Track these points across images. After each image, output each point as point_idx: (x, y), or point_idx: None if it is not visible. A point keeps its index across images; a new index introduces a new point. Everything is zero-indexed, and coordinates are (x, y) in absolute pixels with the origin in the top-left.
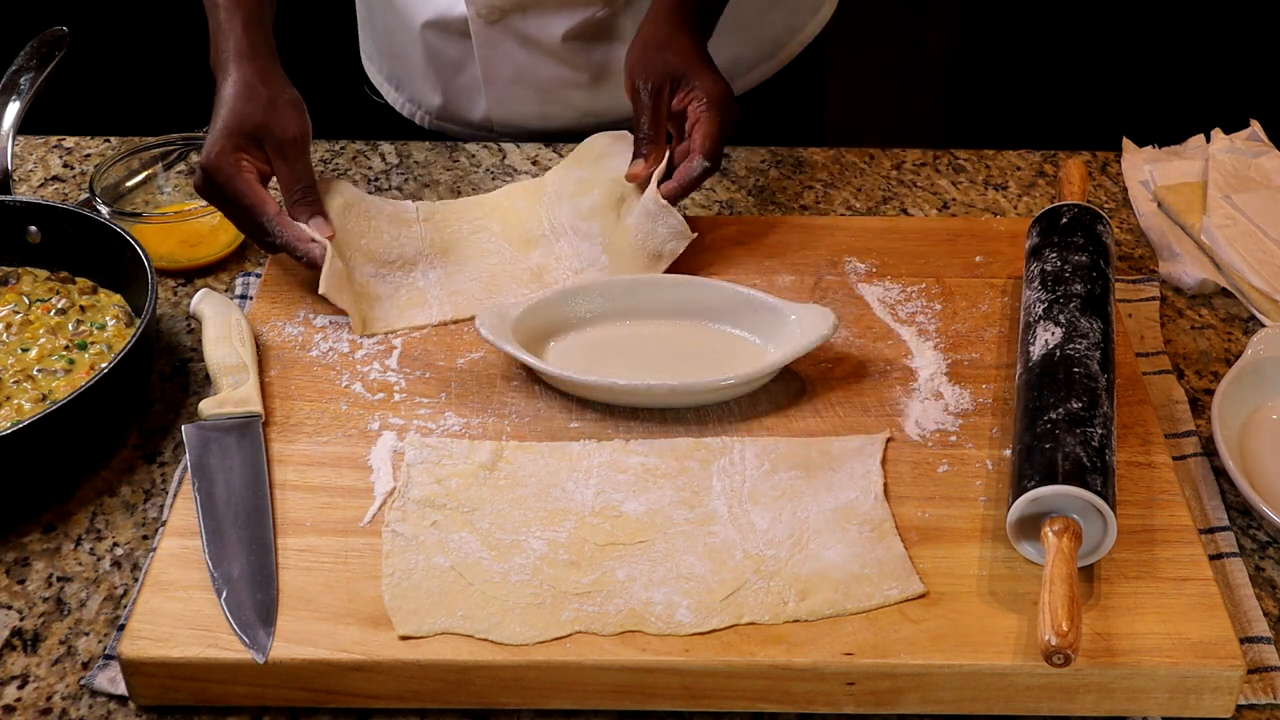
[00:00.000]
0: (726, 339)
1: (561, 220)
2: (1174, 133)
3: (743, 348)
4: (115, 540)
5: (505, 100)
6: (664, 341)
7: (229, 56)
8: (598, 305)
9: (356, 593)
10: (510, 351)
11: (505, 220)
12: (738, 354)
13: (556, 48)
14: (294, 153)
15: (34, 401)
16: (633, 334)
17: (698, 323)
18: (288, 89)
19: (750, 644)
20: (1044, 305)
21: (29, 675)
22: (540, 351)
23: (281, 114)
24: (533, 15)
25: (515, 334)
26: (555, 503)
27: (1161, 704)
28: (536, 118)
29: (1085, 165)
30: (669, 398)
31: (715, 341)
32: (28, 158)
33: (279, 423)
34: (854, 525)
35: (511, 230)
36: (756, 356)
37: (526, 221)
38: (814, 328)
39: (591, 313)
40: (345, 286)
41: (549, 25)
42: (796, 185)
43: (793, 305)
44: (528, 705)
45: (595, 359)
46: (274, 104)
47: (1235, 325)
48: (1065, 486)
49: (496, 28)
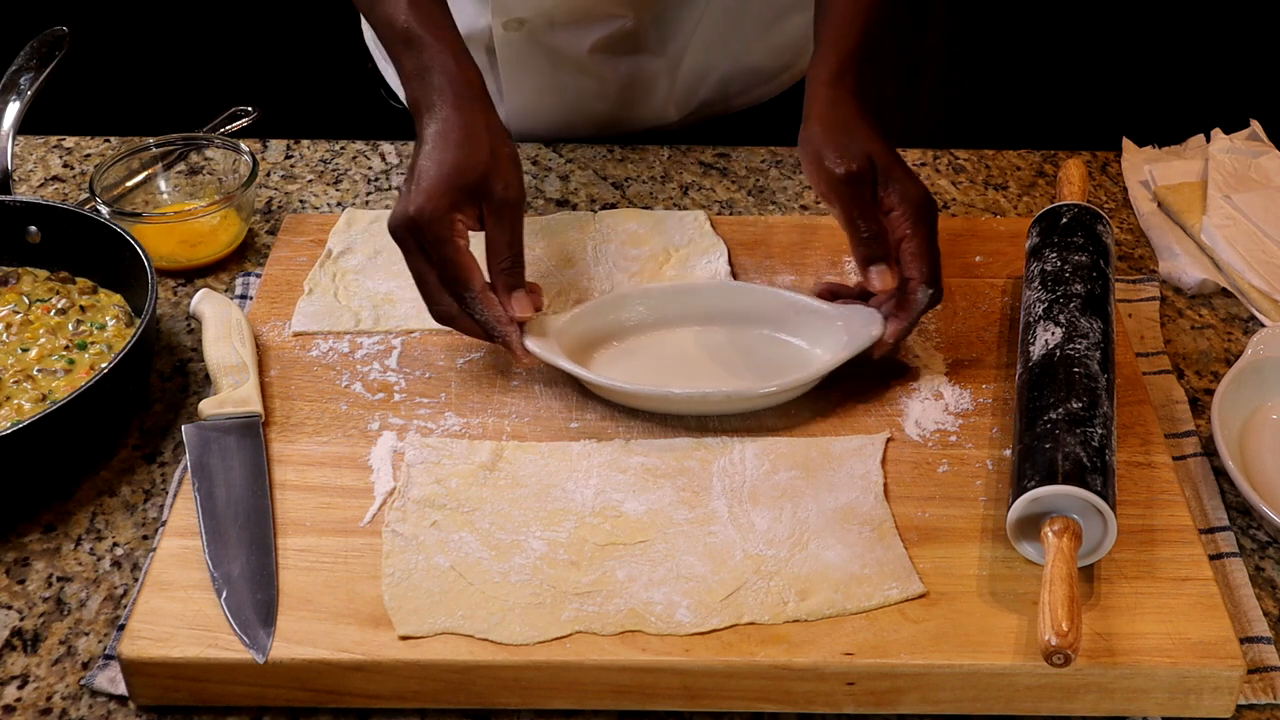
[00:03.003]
0: (771, 343)
1: (607, 252)
2: (1174, 133)
3: (789, 352)
4: (115, 540)
5: (525, 111)
6: (709, 348)
7: (443, 93)
8: (639, 314)
9: (356, 593)
10: (562, 366)
11: (550, 239)
12: (785, 358)
13: (583, 59)
14: (511, 216)
15: (34, 401)
16: (677, 341)
17: (741, 328)
18: (508, 141)
19: (750, 644)
20: (1044, 305)
21: (29, 675)
22: (585, 363)
23: (505, 169)
24: (559, 28)
25: (561, 346)
26: (555, 503)
27: (1161, 704)
28: (558, 127)
29: (1085, 165)
30: (724, 404)
31: (761, 346)
32: (28, 158)
33: (279, 423)
34: (854, 525)
35: (553, 247)
36: (804, 360)
37: (571, 245)
38: (862, 328)
39: (634, 321)
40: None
41: (576, 37)
42: (796, 185)
43: (838, 307)
44: (528, 705)
45: (642, 368)
46: (497, 157)
47: (1235, 325)
48: (1065, 486)
49: (522, 40)
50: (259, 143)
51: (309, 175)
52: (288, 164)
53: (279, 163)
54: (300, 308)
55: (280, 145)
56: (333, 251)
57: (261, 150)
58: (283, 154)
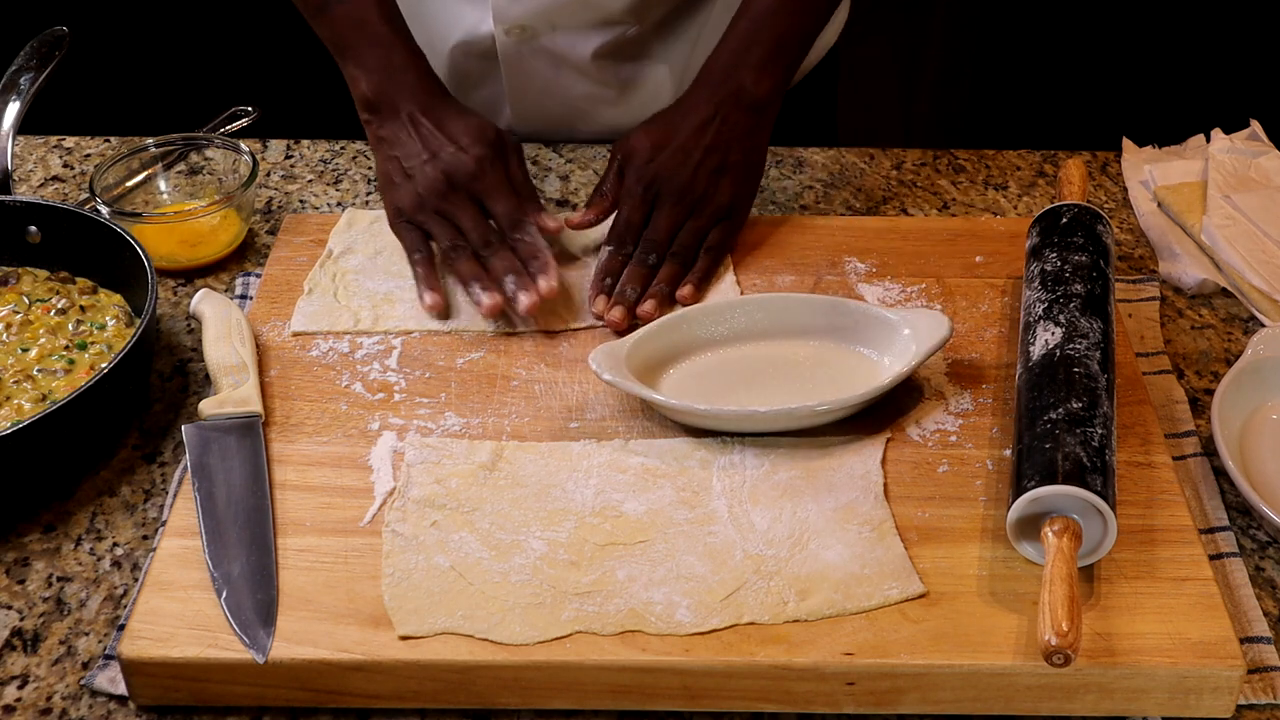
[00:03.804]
0: (840, 354)
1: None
2: (1174, 133)
3: (857, 362)
4: (115, 540)
5: (530, 114)
6: (778, 363)
7: (415, 90)
8: (702, 332)
9: (356, 593)
10: (639, 393)
11: (552, 242)
12: (855, 368)
13: (586, 65)
14: (522, 171)
15: (34, 401)
16: (743, 358)
17: (806, 341)
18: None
19: (750, 644)
20: (1044, 305)
21: (29, 675)
22: (652, 385)
23: (505, 138)
24: (561, 33)
25: (631, 371)
26: (555, 503)
27: (1161, 704)
28: (562, 131)
29: (1085, 165)
30: (810, 418)
31: (829, 358)
32: (28, 158)
33: (279, 423)
34: (854, 525)
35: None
36: (875, 370)
37: (574, 247)
38: (929, 333)
39: (698, 340)
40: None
41: (578, 43)
42: (796, 185)
43: (901, 313)
44: (528, 705)
45: (713, 387)
46: (498, 133)
47: (1235, 325)
48: (1065, 486)
49: (524, 46)
50: (259, 143)
51: (309, 175)
52: (288, 164)
53: (279, 163)
54: (300, 307)
55: (280, 145)
56: (333, 252)
57: (261, 150)
58: (283, 154)
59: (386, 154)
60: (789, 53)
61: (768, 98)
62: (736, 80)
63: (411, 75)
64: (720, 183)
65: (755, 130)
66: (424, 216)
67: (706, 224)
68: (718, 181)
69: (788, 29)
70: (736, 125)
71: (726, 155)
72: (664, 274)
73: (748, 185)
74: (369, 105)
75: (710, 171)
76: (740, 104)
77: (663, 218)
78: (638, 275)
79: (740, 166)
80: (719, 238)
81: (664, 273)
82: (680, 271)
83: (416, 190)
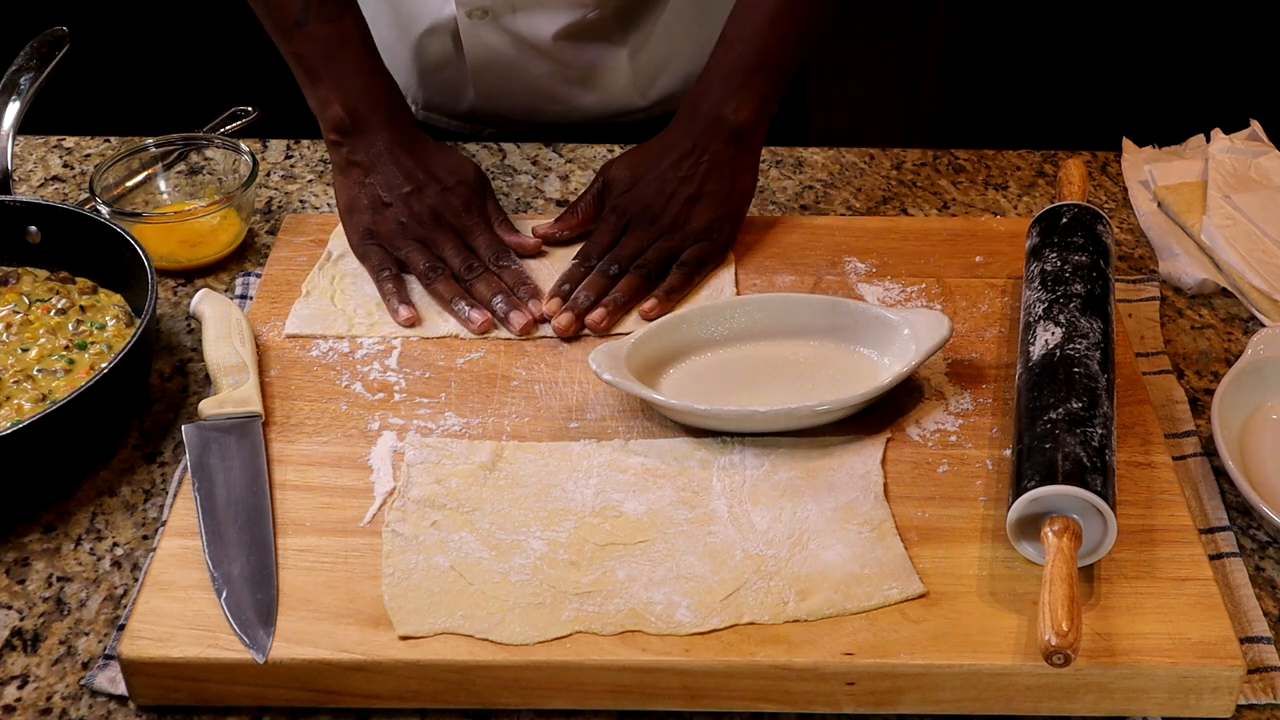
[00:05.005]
0: (840, 354)
1: None
2: (1174, 133)
3: (857, 362)
4: (115, 540)
5: (493, 95)
6: (778, 363)
7: (392, 109)
8: (701, 332)
9: (356, 593)
10: (639, 393)
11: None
12: (856, 369)
13: (547, 46)
14: (493, 206)
15: (34, 401)
16: (743, 358)
17: (806, 341)
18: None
19: (750, 644)
20: (1044, 305)
21: (29, 675)
22: (653, 385)
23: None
24: (522, 14)
25: (630, 371)
26: (555, 503)
27: (1161, 704)
28: (524, 111)
29: (1085, 165)
30: (810, 418)
31: (830, 358)
32: (28, 158)
33: (279, 423)
34: (854, 525)
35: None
36: (875, 370)
37: (574, 248)
38: (929, 333)
39: (697, 340)
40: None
41: (539, 24)
42: (796, 185)
43: (902, 313)
44: (528, 705)
45: (713, 388)
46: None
47: (1235, 325)
48: (1065, 486)
49: (486, 26)
50: (259, 143)
51: (309, 175)
52: (288, 164)
53: (279, 163)
54: (295, 310)
55: (280, 145)
56: (333, 254)
57: (261, 150)
58: (283, 154)
59: (359, 179)
60: (770, 81)
61: (748, 125)
62: (717, 110)
63: (390, 104)
64: (695, 209)
65: (737, 157)
66: (401, 243)
67: (678, 245)
68: (691, 208)
69: (769, 58)
70: (716, 155)
71: (703, 185)
72: (623, 285)
73: (728, 208)
74: (341, 128)
75: (684, 200)
76: (720, 134)
77: (631, 239)
78: (596, 284)
79: (718, 194)
80: (695, 254)
81: (623, 283)
82: (642, 285)
83: (398, 218)
